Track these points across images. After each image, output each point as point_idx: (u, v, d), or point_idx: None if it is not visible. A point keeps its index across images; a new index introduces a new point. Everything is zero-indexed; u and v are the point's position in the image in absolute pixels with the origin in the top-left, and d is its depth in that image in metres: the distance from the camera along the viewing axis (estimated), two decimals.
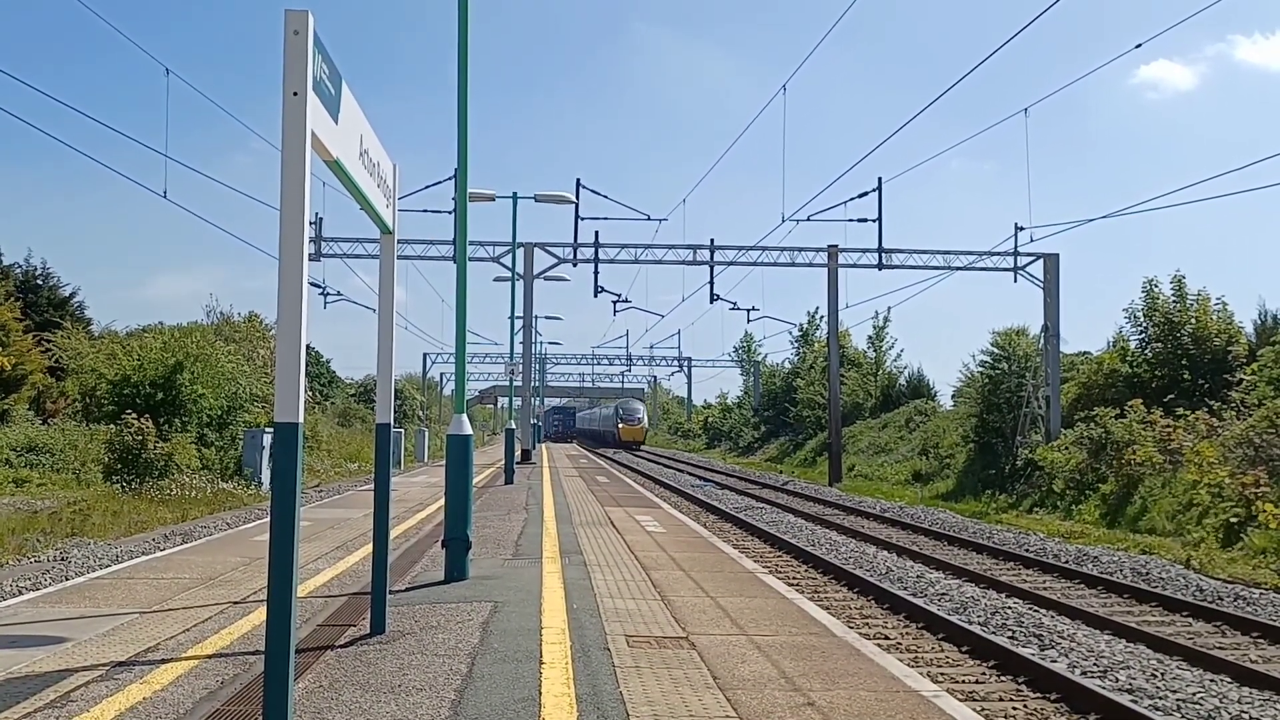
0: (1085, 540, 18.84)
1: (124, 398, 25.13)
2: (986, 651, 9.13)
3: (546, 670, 5.91)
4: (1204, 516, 18.37)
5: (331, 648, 6.51)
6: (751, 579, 10.00)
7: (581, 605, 8.09)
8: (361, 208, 6.15)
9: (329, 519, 15.35)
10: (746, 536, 18.91)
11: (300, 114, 4.14)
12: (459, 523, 9.31)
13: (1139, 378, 27.82)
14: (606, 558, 11.16)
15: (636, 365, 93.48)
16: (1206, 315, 27.30)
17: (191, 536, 14.92)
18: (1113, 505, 21.93)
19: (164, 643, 6.64)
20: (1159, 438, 22.12)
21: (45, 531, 15.31)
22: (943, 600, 11.97)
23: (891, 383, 50.06)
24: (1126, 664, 8.89)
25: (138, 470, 21.69)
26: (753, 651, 6.61)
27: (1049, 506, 24.37)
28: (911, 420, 42.20)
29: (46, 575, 11.50)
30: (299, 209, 4.11)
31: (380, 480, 6.86)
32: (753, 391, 76.21)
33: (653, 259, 34.38)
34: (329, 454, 38.21)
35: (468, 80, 9.66)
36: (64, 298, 41.87)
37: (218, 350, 29.03)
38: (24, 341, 33.36)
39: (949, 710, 5.40)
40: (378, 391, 7.07)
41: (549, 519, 15.53)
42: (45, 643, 6.57)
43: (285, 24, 4.14)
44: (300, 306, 4.06)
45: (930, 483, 32.62)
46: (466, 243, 10.07)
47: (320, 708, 5.12)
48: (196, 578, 9.47)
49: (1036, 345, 32.41)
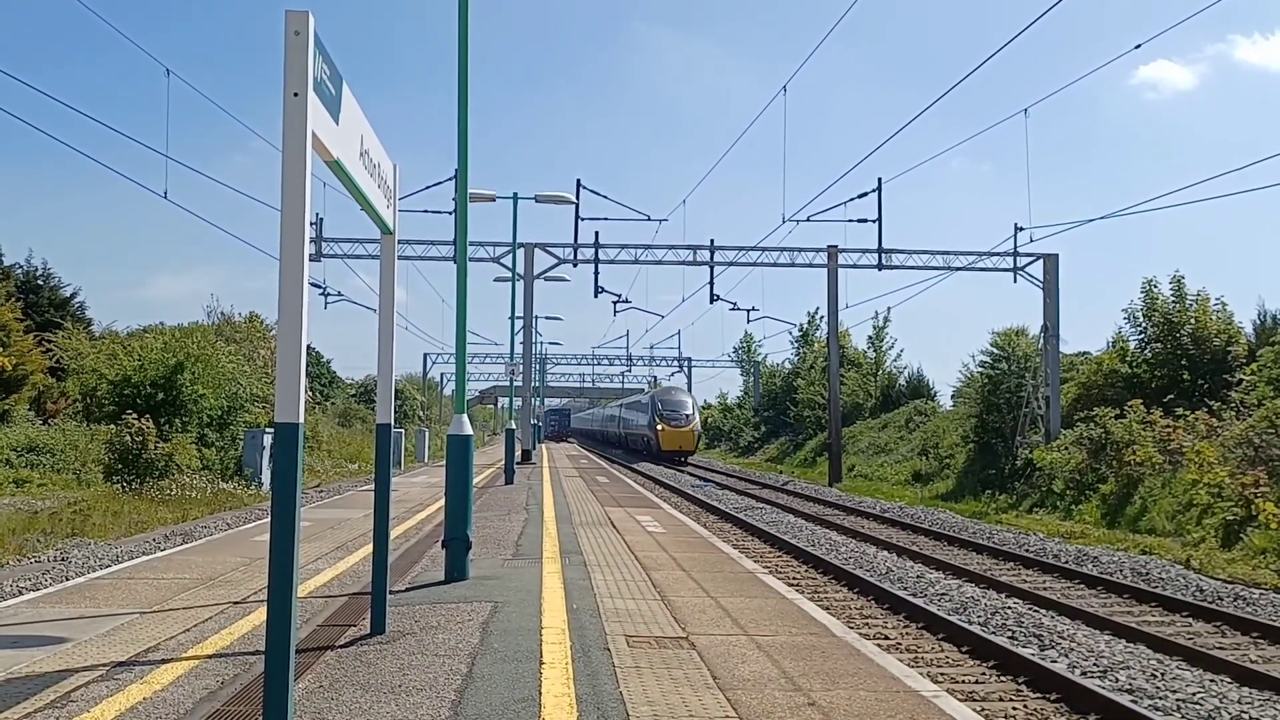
0: (1085, 540, 18.84)
1: (124, 398, 25.14)
2: (986, 651, 9.13)
3: (546, 670, 5.91)
4: (1204, 517, 18.37)
5: (332, 648, 6.51)
6: (751, 579, 10.00)
7: (581, 605, 8.09)
8: (362, 208, 6.16)
9: (329, 519, 15.35)
10: (746, 536, 18.91)
11: (301, 114, 4.14)
12: (459, 523, 9.32)
13: (1138, 378, 27.83)
14: (606, 558, 11.16)
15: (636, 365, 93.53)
16: (1206, 315, 27.31)
17: (192, 537, 14.92)
18: (1113, 505, 21.93)
19: (164, 643, 6.64)
20: (1159, 438, 22.12)
21: (45, 532, 15.32)
22: (943, 600, 11.97)
23: (891, 383, 50.07)
24: (1126, 664, 8.89)
25: (138, 470, 21.69)
26: (753, 651, 6.61)
27: (1049, 507, 24.37)
28: (911, 420, 42.21)
29: (47, 575, 11.50)
30: (299, 209, 4.11)
31: (380, 480, 6.86)
32: (753, 392, 76.23)
33: (653, 259, 34.41)
34: (329, 454, 38.22)
35: (468, 81, 9.67)
36: (65, 298, 41.91)
37: (218, 350, 29.04)
38: (25, 342, 33.38)
39: (949, 710, 5.40)
40: (378, 392, 7.08)
41: (549, 519, 15.53)
42: (45, 643, 6.58)
43: (286, 24, 4.14)
44: (301, 307, 4.07)
45: (930, 483, 32.62)
46: (467, 243, 10.08)
47: (320, 708, 5.12)
48: (197, 578, 9.47)
49: (1036, 345, 32.42)
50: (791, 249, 34.30)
